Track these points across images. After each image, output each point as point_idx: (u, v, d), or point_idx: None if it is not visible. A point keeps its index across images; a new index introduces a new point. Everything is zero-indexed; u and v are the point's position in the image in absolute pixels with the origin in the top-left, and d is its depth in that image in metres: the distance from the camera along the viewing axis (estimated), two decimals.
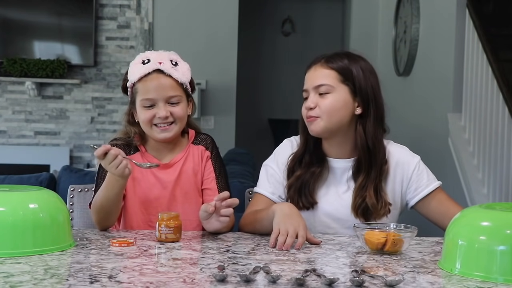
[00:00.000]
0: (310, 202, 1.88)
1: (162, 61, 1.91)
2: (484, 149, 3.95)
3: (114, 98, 5.95)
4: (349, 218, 1.87)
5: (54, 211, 1.56)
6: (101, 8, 6.00)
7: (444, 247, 1.47)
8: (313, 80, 1.87)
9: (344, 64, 1.85)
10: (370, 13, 6.37)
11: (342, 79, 1.84)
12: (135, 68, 1.92)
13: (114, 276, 1.30)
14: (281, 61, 7.61)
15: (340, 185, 1.91)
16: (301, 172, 1.90)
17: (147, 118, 1.90)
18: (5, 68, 5.76)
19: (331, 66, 1.85)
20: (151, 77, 1.89)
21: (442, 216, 1.86)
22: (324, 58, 1.88)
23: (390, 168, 1.90)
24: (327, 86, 1.84)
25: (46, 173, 3.42)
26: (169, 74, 1.89)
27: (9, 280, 1.25)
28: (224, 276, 1.28)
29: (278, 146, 2.01)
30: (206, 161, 2.00)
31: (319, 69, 1.87)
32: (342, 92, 1.84)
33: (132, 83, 1.93)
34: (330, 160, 1.92)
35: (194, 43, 5.91)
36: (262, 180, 1.97)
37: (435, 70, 4.70)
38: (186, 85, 1.95)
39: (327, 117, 1.83)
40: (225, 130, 6.02)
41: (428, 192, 1.89)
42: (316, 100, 1.85)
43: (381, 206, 1.85)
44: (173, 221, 1.68)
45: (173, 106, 1.90)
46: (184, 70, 1.94)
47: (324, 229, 1.89)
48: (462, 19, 4.24)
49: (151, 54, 1.95)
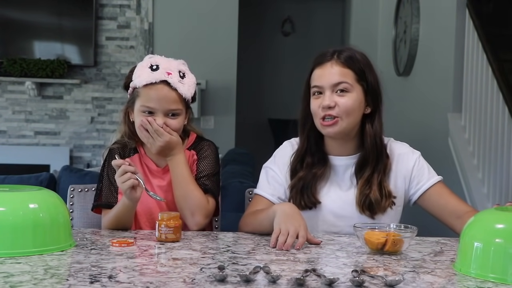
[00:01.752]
0: (312, 202, 1.88)
1: (171, 71, 1.88)
2: (484, 149, 3.95)
3: (114, 98, 5.95)
4: (353, 215, 1.87)
5: (54, 211, 1.56)
6: (101, 8, 6.00)
7: (459, 250, 1.46)
8: (331, 78, 1.82)
9: (357, 62, 1.84)
10: (370, 13, 6.37)
11: (357, 78, 1.83)
12: (143, 72, 1.90)
13: (114, 276, 1.30)
14: (281, 61, 7.61)
15: (343, 182, 1.91)
16: (303, 173, 1.90)
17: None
18: (5, 68, 5.76)
19: (346, 64, 1.83)
20: (156, 87, 1.87)
21: (442, 210, 1.87)
22: (336, 54, 1.84)
23: (392, 163, 1.91)
24: (347, 84, 1.81)
25: (46, 173, 3.42)
26: (175, 88, 1.88)
27: (9, 280, 1.25)
28: (224, 276, 1.28)
29: (278, 148, 2.01)
30: (193, 164, 1.98)
31: (335, 66, 1.83)
32: (358, 92, 1.84)
33: (135, 86, 1.92)
34: (332, 158, 1.92)
35: (194, 43, 5.92)
36: (262, 182, 1.97)
37: (435, 70, 4.70)
38: (188, 99, 1.94)
39: (346, 117, 1.81)
40: (225, 130, 6.02)
41: (429, 186, 1.90)
42: (335, 99, 1.81)
43: (386, 198, 1.86)
44: (173, 221, 1.67)
45: (171, 118, 1.90)
46: (190, 84, 1.92)
47: (329, 227, 1.88)
48: (462, 19, 4.24)
49: (161, 60, 1.92)
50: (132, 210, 1.84)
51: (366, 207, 1.86)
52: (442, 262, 1.52)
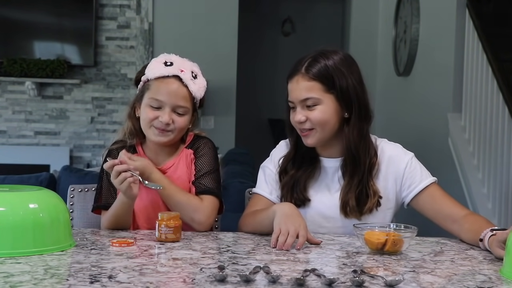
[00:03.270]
0: (301, 200, 1.88)
1: (184, 69, 1.91)
2: (484, 149, 3.95)
3: (114, 98, 5.94)
4: (339, 217, 1.87)
5: (54, 211, 1.56)
6: (101, 8, 6.00)
7: (506, 255, 1.43)
8: (298, 94, 1.83)
9: (325, 72, 1.80)
10: (370, 13, 6.37)
11: (326, 88, 1.81)
12: (156, 66, 1.91)
13: (114, 276, 1.30)
14: (281, 61, 7.60)
15: (332, 184, 1.91)
16: (293, 172, 1.91)
17: (149, 118, 1.89)
18: (5, 68, 5.76)
19: (312, 77, 1.80)
20: (168, 80, 1.89)
21: (437, 214, 1.85)
22: (303, 67, 1.82)
23: (382, 165, 1.89)
24: (314, 99, 1.81)
25: (46, 173, 3.42)
26: (186, 84, 1.89)
27: (9, 280, 1.25)
28: (224, 276, 1.28)
29: (275, 148, 2.02)
30: (191, 163, 1.97)
31: (301, 81, 1.82)
32: (329, 101, 1.81)
33: (147, 78, 1.92)
34: (322, 159, 1.92)
35: (194, 43, 5.92)
36: (260, 181, 1.98)
37: (435, 70, 4.70)
38: (197, 100, 1.94)
39: (320, 128, 1.82)
40: (225, 130, 6.02)
41: (421, 188, 1.87)
42: (305, 113, 1.82)
43: (370, 198, 1.84)
44: (173, 221, 1.68)
45: (178, 116, 1.90)
46: (201, 85, 1.95)
47: (316, 228, 1.87)
48: (462, 19, 4.24)
49: (175, 58, 1.94)
50: (130, 207, 1.85)
51: (349, 211, 1.85)
52: (442, 262, 1.52)
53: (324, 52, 1.84)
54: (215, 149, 2.02)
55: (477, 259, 1.57)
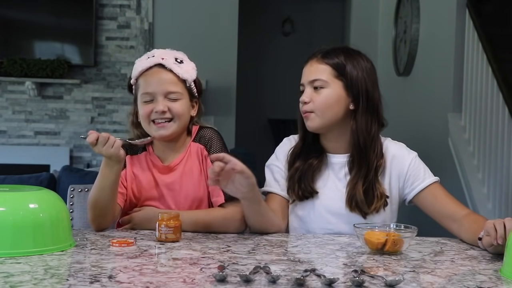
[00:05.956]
0: (309, 191, 1.90)
1: (165, 57, 1.91)
2: (484, 149, 3.95)
3: (114, 98, 5.94)
4: (346, 213, 1.88)
5: (54, 211, 1.56)
6: (101, 8, 6.00)
7: (506, 255, 1.43)
8: (309, 75, 1.89)
9: (340, 60, 1.86)
10: (370, 13, 6.37)
11: (336, 74, 1.86)
12: (139, 64, 1.94)
13: (114, 276, 1.30)
14: (281, 61, 7.61)
15: (339, 180, 1.92)
16: (300, 164, 1.92)
17: (146, 113, 1.89)
18: (5, 68, 5.76)
19: (326, 61, 1.87)
20: (151, 71, 1.90)
21: (438, 212, 1.87)
22: (321, 53, 1.90)
23: (387, 162, 1.91)
24: (321, 81, 1.85)
25: (46, 173, 3.42)
26: (170, 69, 1.90)
27: (9, 280, 1.25)
28: (224, 276, 1.28)
29: (278, 145, 2.03)
30: (206, 160, 1.97)
31: (315, 64, 1.89)
32: (336, 87, 1.85)
33: (135, 78, 1.93)
34: (328, 155, 1.94)
35: (194, 43, 5.91)
36: (269, 180, 1.99)
37: (435, 70, 4.70)
38: (189, 83, 1.94)
39: (321, 112, 1.85)
40: (225, 130, 6.01)
41: (424, 186, 1.89)
42: (311, 95, 1.87)
43: (377, 199, 1.86)
44: (173, 221, 1.67)
45: (172, 102, 1.89)
46: (188, 68, 1.94)
47: (324, 224, 1.89)
48: (462, 19, 4.24)
49: (157, 51, 1.96)
50: (118, 175, 1.79)
51: (354, 206, 1.87)
52: (442, 262, 1.52)
53: (348, 48, 1.93)
54: (223, 141, 2.04)
55: (477, 259, 1.57)
